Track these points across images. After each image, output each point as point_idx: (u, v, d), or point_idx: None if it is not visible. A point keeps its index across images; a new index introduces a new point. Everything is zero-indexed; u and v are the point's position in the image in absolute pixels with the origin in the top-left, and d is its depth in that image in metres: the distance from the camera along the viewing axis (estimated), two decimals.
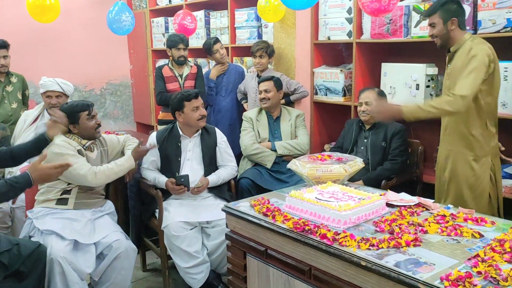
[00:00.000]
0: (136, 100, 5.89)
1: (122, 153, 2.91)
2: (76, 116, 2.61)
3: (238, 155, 3.42)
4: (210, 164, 2.95)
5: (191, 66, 4.00)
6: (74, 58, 5.26)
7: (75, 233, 2.40)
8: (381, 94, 3.05)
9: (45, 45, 5.01)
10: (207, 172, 2.93)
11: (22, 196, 2.88)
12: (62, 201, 2.55)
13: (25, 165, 2.98)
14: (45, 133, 2.46)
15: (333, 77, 3.60)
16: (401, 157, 2.95)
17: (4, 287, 2.09)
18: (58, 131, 2.51)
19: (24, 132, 3.21)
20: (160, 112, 4.14)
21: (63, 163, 2.17)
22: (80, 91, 5.43)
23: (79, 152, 2.60)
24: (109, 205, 2.76)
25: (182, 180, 2.80)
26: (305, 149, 3.32)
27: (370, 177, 2.91)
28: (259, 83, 3.43)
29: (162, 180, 2.85)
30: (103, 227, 2.56)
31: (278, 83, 3.40)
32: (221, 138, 3.04)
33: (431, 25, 2.45)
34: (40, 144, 2.43)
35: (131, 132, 4.89)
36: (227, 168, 3.00)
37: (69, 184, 2.56)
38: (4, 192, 2.01)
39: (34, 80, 4.41)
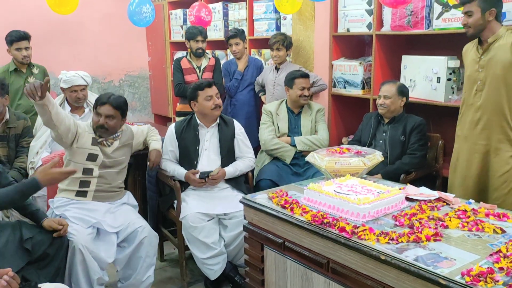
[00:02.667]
0: (154, 92, 5.93)
1: (145, 146, 2.94)
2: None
3: (255, 148, 3.41)
4: (228, 155, 2.96)
5: (209, 58, 4.01)
6: (93, 50, 5.31)
7: (96, 222, 2.44)
8: (402, 89, 2.99)
9: (65, 36, 5.06)
10: (224, 163, 2.93)
11: None
12: (81, 193, 2.58)
13: (45, 154, 3.05)
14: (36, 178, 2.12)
15: (352, 70, 3.56)
16: (420, 151, 2.91)
17: (28, 272, 2.13)
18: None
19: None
20: (178, 104, 4.16)
21: (71, 169, 2.23)
22: (99, 83, 5.48)
23: (93, 139, 2.61)
24: (129, 196, 2.79)
25: (206, 175, 2.82)
26: (325, 145, 3.30)
27: (388, 171, 2.88)
28: (301, 76, 3.33)
29: (181, 172, 2.87)
30: (124, 216, 2.59)
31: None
32: (239, 130, 3.04)
33: (467, 13, 2.37)
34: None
35: (151, 124, 4.93)
36: (245, 160, 3.00)
37: (84, 173, 2.58)
38: (15, 198, 2.06)
39: (54, 71, 4.47)
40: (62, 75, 3.25)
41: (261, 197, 2.15)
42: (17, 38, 3.71)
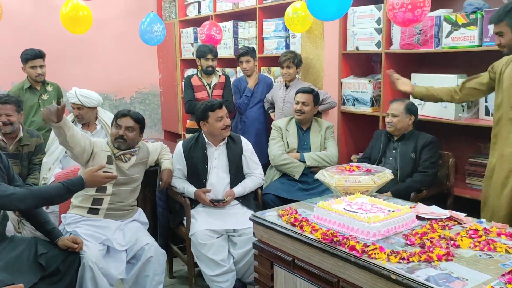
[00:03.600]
0: (164, 109, 5.99)
1: (156, 163, 2.98)
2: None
3: (265, 164, 3.43)
4: (237, 172, 2.98)
5: (219, 75, 4.05)
6: (105, 68, 5.40)
7: (106, 239, 2.46)
8: (410, 107, 2.99)
9: (78, 55, 5.16)
10: (234, 181, 2.95)
11: None
12: (93, 211, 2.61)
13: (57, 170, 3.08)
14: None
15: (361, 88, 3.58)
16: (431, 169, 2.90)
17: (40, 287, 2.15)
18: None
19: (56, 140, 3.29)
20: (188, 120, 4.20)
21: (114, 175, 2.34)
22: (110, 100, 5.56)
23: (109, 158, 2.64)
24: (140, 213, 2.81)
25: (216, 202, 2.88)
26: (334, 161, 3.30)
27: (399, 189, 2.87)
28: (297, 92, 3.38)
29: (191, 190, 2.89)
30: (133, 232, 2.61)
31: (316, 99, 3.41)
32: (247, 146, 3.06)
33: (498, 33, 2.33)
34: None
35: (159, 140, 4.98)
36: (253, 178, 3.01)
37: (98, 191, 2.61)
38: (62, 194, 2.14)
39: (68, 89, 4.52)
40: (71, 90, 3.31)
41: (270, 215, 2.15)
42: (32, 56, 3.79)
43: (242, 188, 2.93)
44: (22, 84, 3.87)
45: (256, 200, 3.03)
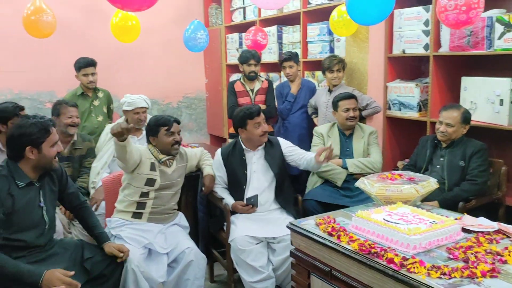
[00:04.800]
0: (210, 113, 6.08)
1: (197, 168, 3.03)
2: (156, 129, 2.75)
3: (307, 171, 3.39)
4: (280, 173, 2.97)
5: (262, 81, 4.06)
6: (153, 74, 5.56)
7: (148, 243, 2.52)
8: (466, 115, 2.83)
9: (127, 62, 5.35)
10: (278, 181, 2.96)
11: (103, 203, 3.09)
12: (137, 215, 2.69)
13: (105, 175, 3.20)
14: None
15: (407, 92, 3.46)
16: (481, 178, 2.75)
17: None
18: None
19: (105, 144, 3.43)
20: (232, 126, 4.23)
21: (75, 283, 2.08)
22: (158, 105, 5.72)
23: (152, 165, 2.72)
24: (181, 217, 2.87)
25: (252, 200, 2.87)
26: (378, 168, 3.21)
27: (446, 198, 2.75)
28: (344, 98, 3.30)
29: (229, 201, 2.92)
30: (174, 236, 2.67)
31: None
32: (286, 145, 3.05)
33: None
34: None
35: (204, 145, 5.05)
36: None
37: (141, 196, 2.68)
38: (11, 275, 1.99)
39: (117, 95, 4.71)
40: (126, 98, 3.44)
41: (308, 223, 2.12)
42: (84, 64, 3.97)
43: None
44: (75, 91, 4.06)
45: (297, 206, 3.00)
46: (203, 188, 2.96)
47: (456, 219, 1.98)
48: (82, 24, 4.95)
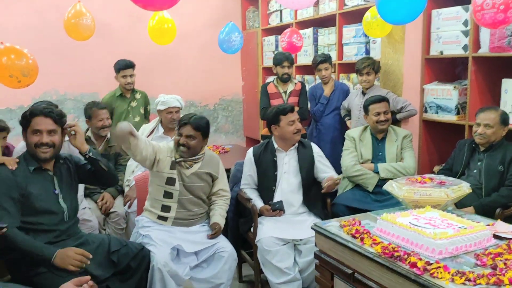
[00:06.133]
0: (246, 115, 6.12)
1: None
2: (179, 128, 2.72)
3: (340, 173, 3.34)
4: (307, 177, 2.96)
5: (295, 83, 4.05)
6: (190, 76, 5.66)
7: (177, 244, 2.55)
8: (505, 117, 2.71)
9: (165, 64, 5.48)
10: (305, 186, 2.93)
11: (135, 201, 3.17)
12: (162, 218, 2.69)
13: (138, 173, 3.29)
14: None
15: (445, 94, 3.35)
16: None
17: (112, 283, 2.30)
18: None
19: None
20: (265, 127, 4.24)
21: (85, 260, 2.15)
22: (195, 106, 5.82)
23: (172, 163, 2.68)
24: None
25: (277, 205, 2.87)
26: (411, 173, 3.10)
27: (483, 204, 2.63)
28: (374, 102, 3.21)
29: (258, 204, 2.90)
30: (203, 236, 2.67)
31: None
32: (318, 153, 3.03)
33: None
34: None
35: (239, 147, 5.10)
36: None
37: (165, 196, 2.68)
38: (27, 250, 2.10)
39: (155, 96, 4.81)
40: (160, 97, 3.54)
41: (332, 225, 2.10)
42: (123, 66, 4.10)
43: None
44: (114, 92, 4.20)
45: (325, 210, 2.97)
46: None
47: (488, 225, 1.90)
48: (122, 27, 5.12)
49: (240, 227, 3.11)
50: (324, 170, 3.00)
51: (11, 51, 2.73)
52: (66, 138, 2.42)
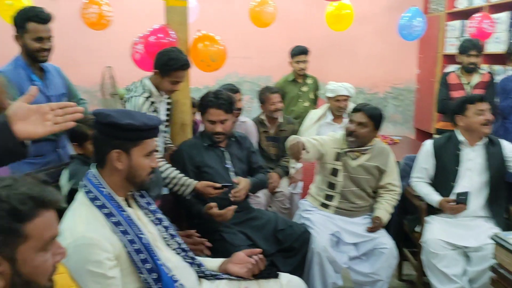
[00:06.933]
0: (418, 106, 5.76)
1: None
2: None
3: None
4: (496, 178, 2.62)
5: (482, 74, 3.64)
6: (362, 62, 5.55)
7: (337, 231, 2.58)
8: None
9: (338, 50, 5.46)
10: (492, 188, 2.61)
11: (301, 184, 3.29)
12: (325, 206, 2.73)
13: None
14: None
15: None
16: None
17: (276, 259, 2.44)
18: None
19: (308, 129, 3.62)
20: (440, 120, 3.94)
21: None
22: (364, 93, 5.69)
23: (338, 155, 2.69)
24: None
25: (463, 197, 2.56)
26: None
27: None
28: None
29: (435, 199, 2.66)
30: (364, 228, 2.64)
31: None
32: (509, 148, 2.66)
33: None
34: None
35: (408, 139, 4.84)
36: None
37: (329, 187, 2.71)
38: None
39: (325, 82, 4.88)
40: (329, 85, 3.58)
41: None
42: (298, 52, 4.23)
43: None
44: (287, 77, 4.37)
45: (508, 218, 2.62)
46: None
47: None
48: (300, 14, 5.26)
49: (406, 224, 2.97)
50: None
51: (206, 38, 3.01)
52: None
